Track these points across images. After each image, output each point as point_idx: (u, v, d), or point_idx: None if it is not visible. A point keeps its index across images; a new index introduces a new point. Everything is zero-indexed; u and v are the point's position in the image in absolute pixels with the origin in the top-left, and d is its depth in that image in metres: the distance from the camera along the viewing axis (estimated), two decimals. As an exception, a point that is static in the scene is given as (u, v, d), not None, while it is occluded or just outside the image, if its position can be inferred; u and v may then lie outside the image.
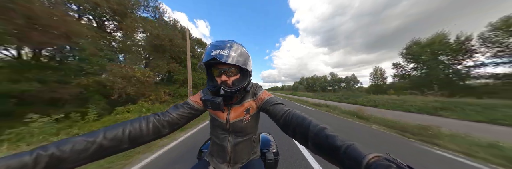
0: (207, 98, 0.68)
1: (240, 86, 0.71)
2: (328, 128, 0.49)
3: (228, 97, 0.71)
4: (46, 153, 0.40)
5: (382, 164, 0.32)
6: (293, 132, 0.58)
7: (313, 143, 0.49)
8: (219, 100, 0.66)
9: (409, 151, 3.16)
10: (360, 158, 0.35)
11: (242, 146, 0.86)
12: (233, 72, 0.71)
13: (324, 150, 0.45)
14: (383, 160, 0.33)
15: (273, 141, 1.26)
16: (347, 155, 0.38)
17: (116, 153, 0.53)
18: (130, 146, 0.56)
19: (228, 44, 0.67)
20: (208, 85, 0.75)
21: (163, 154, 2.83)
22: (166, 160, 2.60)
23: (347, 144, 0.40)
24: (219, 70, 0.70)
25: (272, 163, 1.03)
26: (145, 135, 0.59)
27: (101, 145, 0.48)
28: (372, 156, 0.35)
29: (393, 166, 0.31)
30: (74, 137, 0.47)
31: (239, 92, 0.74)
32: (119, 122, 0.59)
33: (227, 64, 0.67)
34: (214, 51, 0.64)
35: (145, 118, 0.63)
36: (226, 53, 0.64)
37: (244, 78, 0.75)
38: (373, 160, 0.34)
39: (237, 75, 0.74)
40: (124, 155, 2.62)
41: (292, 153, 2.83)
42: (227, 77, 0.70)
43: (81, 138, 0.47)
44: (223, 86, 0.68)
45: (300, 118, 0.58)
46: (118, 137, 0.52)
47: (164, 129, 0.66)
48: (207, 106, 0.70)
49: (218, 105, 0.67)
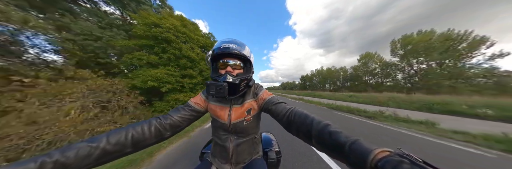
0: (212, 82, 0.68)
1: (244, 76, 0.74)
2: (331, 125, 0.48)
3: (231, 88, 0.70)
4: (51, 160, 0.40)
5: (393, 160, 0.30)
6: (297, 131, 0.58)
7: (317, 141, 0.48)
8: (225, 84, 0.66)
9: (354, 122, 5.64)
10: (365, 154, 0.34)
11: (244, 146, 0.86)
12: (238, 66, 0.75)
13: (329, 147, 0.44)
14: (394, 156, 0.31)
15: (274, 140, 1.27)
16: (352, 151, 0.37)
17: (120, 157, 0.53)
18: (133, 150, 0.56)
19: (236, 41, 0.75)
20: (212, 76, 0.76)
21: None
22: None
23: (352, 140, 0.39)
24: (225, 62, 0.74)
25: (274, 162, 1.03)
26: (148, 138, 0.60)
27: (104, 150, 0.48)
28: (379, 151, 0.33)
29: (406, 162, 0.28)
30: (77, 143, 0.47)
31: (243, 85, 0.74)
32: (121, 127, 0.59)
33: (234, 57, 0.73)
34: (224, 44, 0.71)
35: (147, 122, 0.64)
36: (235, 46, 0.71)
37: (247, 73, 0.78)
38: (382, 155, 0.32)
39: (241, 69, 0.77)
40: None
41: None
42: (233, 69, 0.74)
43: (84, 143, 0.47)
44: (229, 74, 0.71)
45: (303, 116, 0.58)
46: (121, 141, 0.53)
47: (166, 132, 0.66)
48: (211, 91, 0.68)
49: (223, 89, 0.65)
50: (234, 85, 0.69)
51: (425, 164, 0.28)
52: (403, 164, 0.28)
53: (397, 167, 0.28)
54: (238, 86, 0.71)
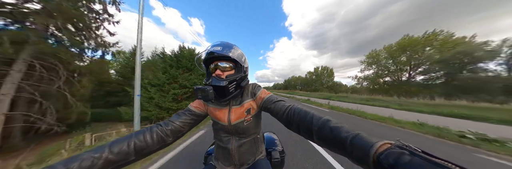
0: (198, 87, 0.68)
1: (231, 79, 0.72)
2: (331, 120, 0.48)
3: (220, 90, 0.70)
4: None
5: (394, 152, 0.30)
6: (297, 128, 0.57)
7: (318, 137, 0.48)
8: (208, 88, 0.66)
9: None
10: (367, 148, 0.34)
11: (246, 147, 0.85)
12: (227, 68, 0.75)
13: (330, 143, 0.44)
14: (394, 148, 0.31)
15: (277, 140, 1.25)
16: (354, 146, 0.37)
17: (124, 165, 0.53)
18: (137, 158, 0.56)
19: (224, 43, 0.76)
20: (204, 80, 0.78)
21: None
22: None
23: (353, 135, 0.39)
24: (215, 66, 0.75)
25: (278, 161, 1.02)
26: (150, 145, 0.60)
27: (107, 160, 0.48)
28: (381, 144, 0.33)
29: (406, 153, 0.29)
30: (81, 154, 0.47)
31: (232, 86, 0.73)
32: (123, 136, 0.59)
33: (222, 59, 0.75)
34: (210, 48, 0.73)
35: (148, 129, 0.64)
36: (220, 49, 0.72)
37: (238, 73, 0.78)
38: (383, 148, 0.33)
39: (232, 71, 0.77)
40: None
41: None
42: (222, 71, 0.74)
43: (88, 154, 0.47)
44: (215, 77, 0.72)
45: (303, 113, 0.58)
46: (123, 150, 0.53)
47: (168, 138, 0.66)
48: (198, 96, 0.68)
49: (207, 94, 0.66)
50: (220, 87, 0.69)
51: (424, 153, 0.29)
52: (404, 155, 0.29)
53: (398, 159, 0.29)
54: (227, 88, 0.70)
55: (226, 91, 0.71)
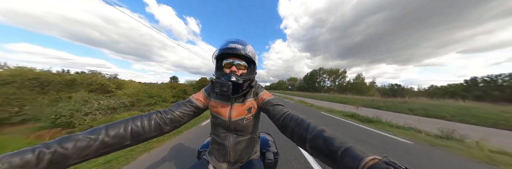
0: (218, 80, 0.69)
1: (248, 77, 0.75)
2: (326, 131, 0.48)
3: (235, 87, 0.70)
4: (49, 151, 0.39)
5: (381, 167, 0.31)
6: (291, 134, 0.57)
7: (311, 146, 0.47)
8: (230, 83, 0.67)
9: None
10: (356, 161, 0.34)
11: (242, 145, 0.85)
12: (242, 66, 0.76)
13: (322, 152, 0.44)
14: (381, 164, 0.32)
15: (272, 141, 1.25)
16: (344, 158, 0.37)
17: (120, 149, 0.53)
18: (132, 142, 0.56)
19: (242, 41, 0.76)
20: (216, 74, 0.77)
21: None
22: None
23: (345, 147, 0.39)
24: (231, 62, 0.74)
25: (271, 163, 1.02)
26: (147, 132, 0.60)
27: (104, 142, 0.48)
28: (370, 158, 0.34)
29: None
30: (75, 134, 0.46)
31: (246, 85, 0.75)
32: (119, 120, 0.58)
33: (239, 57, 0.75)
34: (230, 44, 0.72)
35: (146, 116, 0.63)
36: (241, 47, 0.72)
37: (250, 74, 0.80)
38: (371, 163, 0.33)
39: (245, 70, 0.78)
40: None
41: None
42: (237, 69, 0.75)
43: (83, 135, 0.47)
44: (233, 73, 0.72)
45: (299, 120, 0.57)
46: (120, 134, 0.53)
47: (166, 126, 0.66)
48: (215, 89, 0.68)
49: (228, 88, 0.66)
50: (237, 84, 0.70)
51: None
52: None
53: None
54: (241, 86, 0.72)
55: (239, 89, 0.72)
